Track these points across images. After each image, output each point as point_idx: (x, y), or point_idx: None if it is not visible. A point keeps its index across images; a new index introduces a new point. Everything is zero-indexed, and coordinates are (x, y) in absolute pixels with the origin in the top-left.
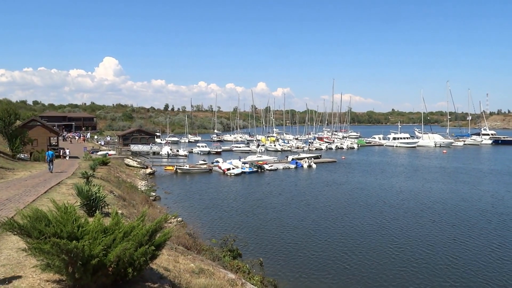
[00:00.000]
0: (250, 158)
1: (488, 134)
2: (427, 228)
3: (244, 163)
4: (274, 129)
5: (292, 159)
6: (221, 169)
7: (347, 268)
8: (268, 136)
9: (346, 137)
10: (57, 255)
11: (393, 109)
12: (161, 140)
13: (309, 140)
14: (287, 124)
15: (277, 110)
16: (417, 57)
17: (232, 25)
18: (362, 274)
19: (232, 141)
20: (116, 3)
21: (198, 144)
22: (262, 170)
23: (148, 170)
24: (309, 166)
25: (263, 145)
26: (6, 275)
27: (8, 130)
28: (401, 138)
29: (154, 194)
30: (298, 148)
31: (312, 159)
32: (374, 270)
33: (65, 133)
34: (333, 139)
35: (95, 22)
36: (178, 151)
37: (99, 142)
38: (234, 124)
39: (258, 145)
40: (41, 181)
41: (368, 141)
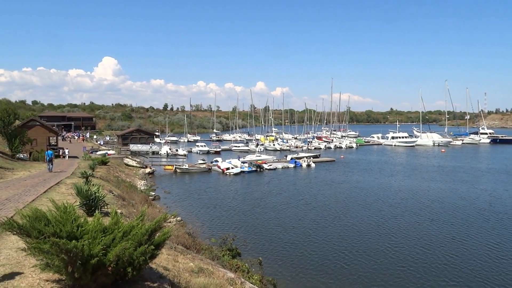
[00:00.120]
0: (249, 158)
1: (486, 133)
2: (426, 227)
3: (243, 163)
4: (273, 129)
5: (291, 159)
6: (220, 169)
7: (346, 267)
8: (267, 136)
9: (345, 137)
10: (57, 255)
11: (392, 109)
12: (160, 140)
13: (308, 140)
14: (286, 124)
15: (276, 110)
16: (416, 57)
17: (231, 25)
18: (361, 273)
19: (231, 141)
20: (115, 3)
21: (197, 144)
22: (261, 170)
23: (147, 170)
24: (308, 166)
25: (262, 145)
26: (6, 275)
27: (8, 130)
28: (400, 137)
29: (153, 194)
30: (297, 148)
31: (311, 159)
32: (373, 269)
33: (64, 133)
34: (332, 139)
35: (94, 22)
36: (177, 151)
37: (99, 142)
38: (233, 124)
39: (257, 145)
40: (41, 181)
41: (367, 140)
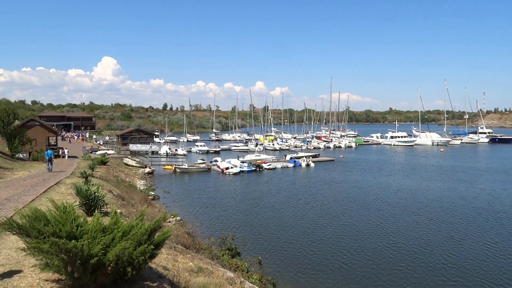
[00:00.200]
0: (249, 157)
1: (485, 133)
2: (424, 226)
3: (243, 162)
4: (273, 128)
5: (291, 158)
6: (220, 168)
7: (345, 266)
8: (267, 135)
9: (344, 136)
10: (56, 255)
11: (391, 108)
12: (160, 140)
13: (307, 139)
14: (285, 123)
15: (276, 109)
16: (415, 56)
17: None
18: (360, 272)
19: (231, 140)
20: (115, 3)
21: (197, 144)
22: (261, 169)
23: (147, 170)
24: (307, 165)
25: (262, 144)
26: (5, 275)
27: (7, 130)
28: (399, 137)
29: (153, 193)
30: (296, 147)
31: (310, 158)
32: (371, 268)
33: (64, 133)
34: (331, 138)
35: (94, 22)
36: (177, 151)
37: (98, 142)
38: (233, 124)
39: (257, 144)
40: (40, 181)
41: (366, 140)
